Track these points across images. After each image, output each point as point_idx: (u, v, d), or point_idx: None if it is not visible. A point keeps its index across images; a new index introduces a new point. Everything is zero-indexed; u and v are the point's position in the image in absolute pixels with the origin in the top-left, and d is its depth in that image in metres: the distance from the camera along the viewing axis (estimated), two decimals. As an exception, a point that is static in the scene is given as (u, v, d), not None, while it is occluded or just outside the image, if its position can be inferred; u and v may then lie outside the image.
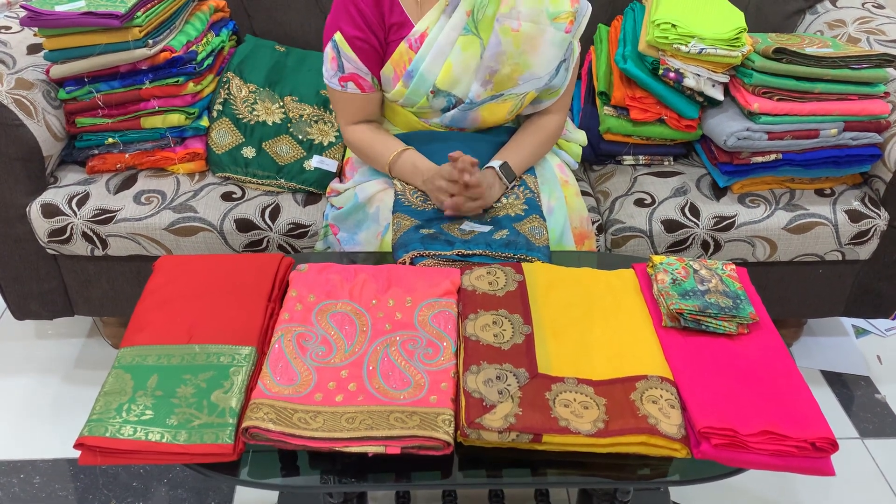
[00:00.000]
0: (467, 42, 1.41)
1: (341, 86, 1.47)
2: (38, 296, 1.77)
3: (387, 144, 1.49)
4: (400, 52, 1.43)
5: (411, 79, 1.43)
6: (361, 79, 1.45)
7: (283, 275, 1.23)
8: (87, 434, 0.97)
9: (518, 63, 1.42)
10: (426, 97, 1.45)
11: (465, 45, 1.41)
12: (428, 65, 1.41)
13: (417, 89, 1.44)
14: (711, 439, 0.96)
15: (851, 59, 1.57)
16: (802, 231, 1.67)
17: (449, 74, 1.42)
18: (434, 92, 1.44)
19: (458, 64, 1.41)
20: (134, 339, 1.11)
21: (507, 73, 1.43)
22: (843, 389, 1.94)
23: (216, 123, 1.73)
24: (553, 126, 1.56)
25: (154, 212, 1.63)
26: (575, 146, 1.68)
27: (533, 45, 1.42)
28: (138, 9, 1.56)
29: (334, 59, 1.44)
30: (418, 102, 1.46)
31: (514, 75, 1.43)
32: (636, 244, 1.67)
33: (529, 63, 1.43)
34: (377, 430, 0.96)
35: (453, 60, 1.41)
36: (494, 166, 1.46)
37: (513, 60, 1.42)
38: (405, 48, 1.42)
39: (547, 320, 1.13)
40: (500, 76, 1.43)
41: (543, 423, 0.96)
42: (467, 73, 1.43)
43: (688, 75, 1.64)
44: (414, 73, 1.42)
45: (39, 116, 1.62)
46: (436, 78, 1.42)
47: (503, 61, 1.42)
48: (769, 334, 1.12)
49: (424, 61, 1.41)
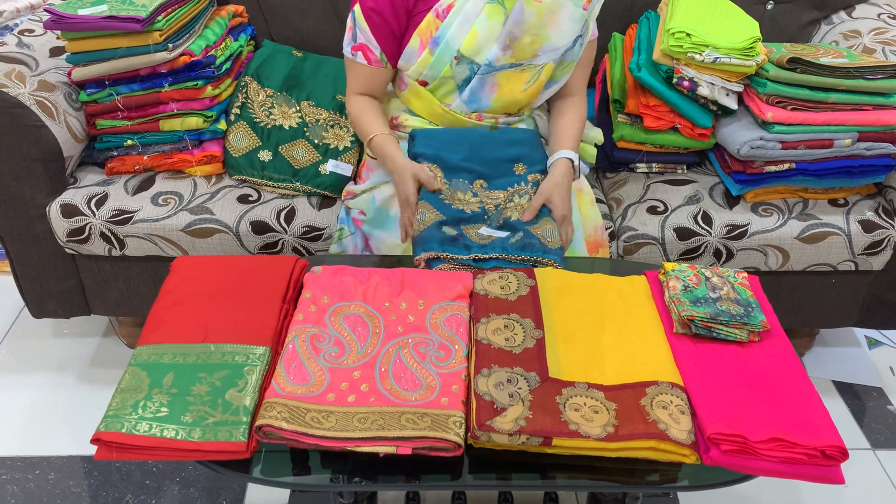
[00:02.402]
0: (493, 10, 1.46)
1: (352, 54, 1.54)
2: (55, 295, 1.80)
3: (373, 123, 1.54)
4: (427, 22, 1.48)
5: (437, 45, 1.48)
6: (370, 51, 1.51)
7: (297, 276, 1.25)
8: (103, 430, 0.99)
9: (538, 35, 1.48)
10: (450, 64, 1.49)
11: (490, 13, 1.46)
12: (455, 31, 1.46)
13: (442, 56, 1.48)
14: (721, 445, 0.96)
15: (866, 70, 1.57)
16: (815, 241, 1.67)
17: (474, 41, 1.47)
18: (458, 58, 1.48)
19: (483, 31, 1.46)
20: (150, 337, 1.12)
21: (527, 42, 1.48)
22: (855, 400, 1.94)
23: (233, 127, 1.75)
24: (577, 105, 1.63)
25: (171, 213, 1.65)
26: (590, 147, 1.70)
27: (553, 18, 1.47)
28: (159, 13, 1.59)
29: (350, 29, 1.52)
30: (441, 71, 1.50)
31: (533, 46, 1.49)
32: (648, 251, 1.67)
33: (548, 35, 1.48)
34: (389, 430, 0.97)
35: (479, 27, 1.46)
36: (572, 159, 1.50)
37: (533, 31, 1.47)
38: (432, 18, 1.47)
39: (558, 325, 1.14)
40: (521, 44, 1.48)
41: (553, 427, 0.97)
42: (491, 39, 1.47)
43: (702, 84, 1.65)
44: (440, 40, 1.47)
45: (61, 118, 1.65)
46: (460, 44, 1.47)
47: (524, 29, 1.46)
48: (780, 342, 1.13)
49: (451, 28, 1.46)
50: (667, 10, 1.77)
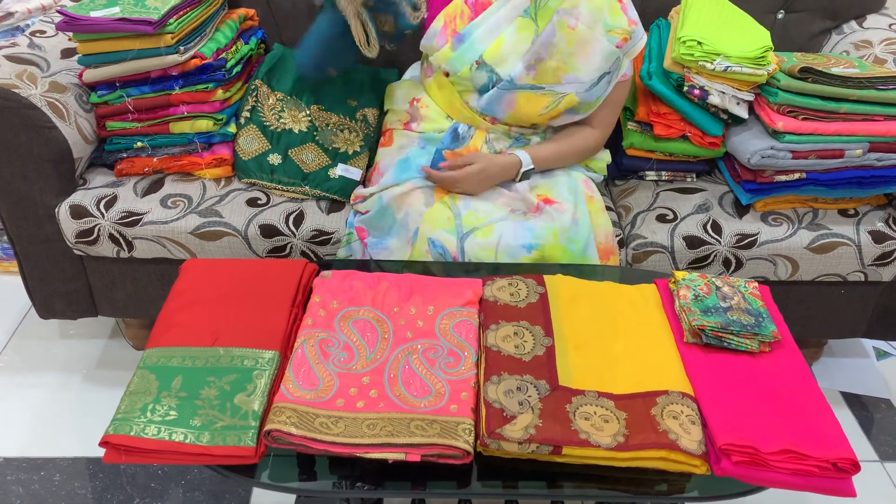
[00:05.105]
0: (524, 24, 1.45)
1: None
2: (63, 295, 1.80)
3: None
4: (455, 5, 1.47)
5: (461, 43, 1.46)
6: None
7: (307, 280, 1.25)
8: (112, 433, 0.99)
9: (565, 62, 1.46)
10: (469, 67, 1.48)
11: (521, 27, 1.45)
12: (481, 34, 1.45)
13: (463, 56, 1.47)
14: (732, 456, 0.96)
15: (877, 80, 1.56)
16: (825, 251, 1.66)
17: (498, 50, 1.46)
18: (479, 63, 1.47)
19: (509, 42, 1.45)
20: (159, 340, 1.12)
21: (552, 67, 1.46)
22: (862, 411, 1.93)
23: (243, 130, 1.75)
24: (590, 138, 1.61)
25: (180, 215, 1.65)
26: (601, 163, 1.70)
27: (584, 48, 1.46)
28: (171, 16, 1.59)
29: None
30: (460, 71, 1.49)
31: (558, 73, 1.47)
32: (657, 259, 1.67)
33: (576, 65, 1.47)
34: (398, 437, 0.97)
35: (506, 38, 1.45)
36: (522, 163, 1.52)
37: (561, 57, 1.45)
38: (461, 3, 1.46)
39: (568, 333, 1.13)
40: (546, 67, 1.46)
41: (564, 436, 0.97)
42: (515, 53, 1.46)
43: (712, 93, 1.65)
44: (465, 38, 1.46)
45: (71, 119, 1.65)
46: (484, 50, 1.46)
47: (552, 53, 1.45)
48: (791, 353, 1.12)
49: (479, 29, 1.45)
50: (678, 19, 1.77)
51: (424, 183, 1.53)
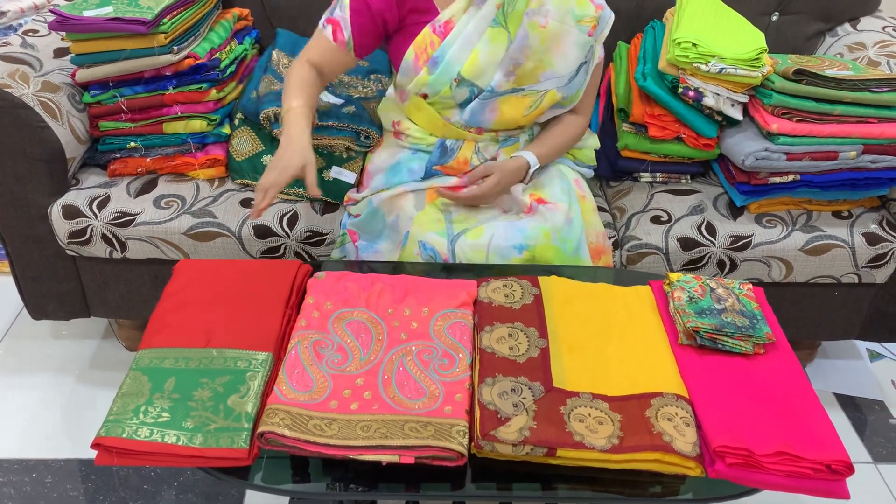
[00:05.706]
0: (495, 34, 1.43)
1: (324, 26, 1.49)
2: (55, 296, 1.79)
3: (302, 94, 1.45)
4: (424, 36, 1.45)
5: (437, 66, 1.45)
6: (340, 31, 1.46)
7: (300, 282, 1.24)
8: (104, 434, 0.98)
9: (542, 60, 1.45)
10: (449, 86, 1.46)
11: (493, 37, 1.43)
12: (455, 52, 1.44)
13: (441, 77, 1.45)
14: (726, 458, 0.96)
15: (871, 82, 1.57)
16: (819, 253, 1.67)
17: (475, 64, 1.44)
18: (458, 80, 1.46)
19: (484, 54, 1.44)
20: (152, 341, 1.12)
21: (530, 68, 1.46)
22: (856, 413, 1.93)
23: (237, 131, 1.74)
24: (577, 125, 1.62)
25: (173, 216, 1.64)
26: (589, 151, 1.71)
27: (557, 43, 1.45)
28: (164, 15, 1.58)
29: (334, 2, 1.47)
30: (441, 91, 1.48)
31: (536, 72, 1.46)
32: (651, 261, 1.67)
33: (551, 61, 1.46)
34: (392, 439, 0.97)
35: (480, 50, 1.44)
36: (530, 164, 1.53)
37: (537, 56, 1.45)
38: (429, 32, 1.45)
39: (563, 334, 1.13)
40: (524, 70, 1.46)
41: (558, 438, 0.97)
42: (492, 63, 1.45)
43: (707, 94, 1.65)
44: (440, 60, 1.44)
45: (64, 119, 1.64)
46: (461, 66, 1.44)
47: (528, 55, 1.44)
48: (785, 355, 1.12)
49: (452, 48, 1.44)
50: (673, 20, 1.78)
51: (415, 186, 1.53)
